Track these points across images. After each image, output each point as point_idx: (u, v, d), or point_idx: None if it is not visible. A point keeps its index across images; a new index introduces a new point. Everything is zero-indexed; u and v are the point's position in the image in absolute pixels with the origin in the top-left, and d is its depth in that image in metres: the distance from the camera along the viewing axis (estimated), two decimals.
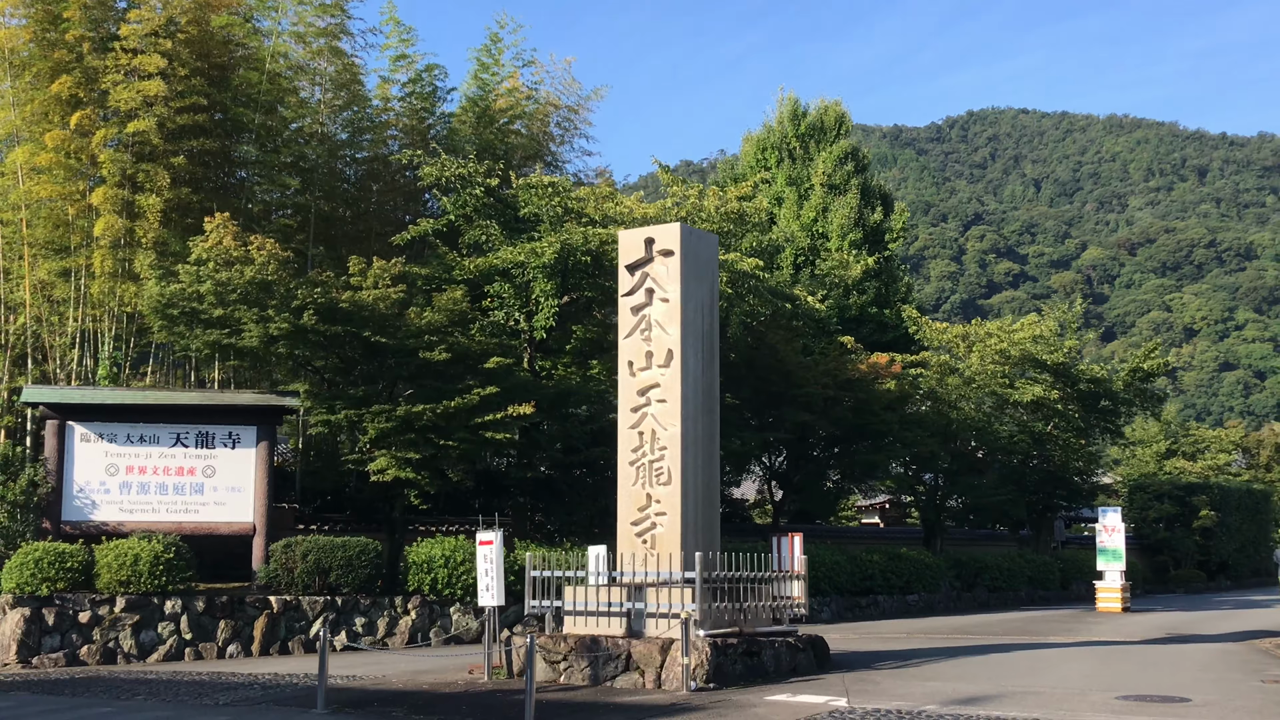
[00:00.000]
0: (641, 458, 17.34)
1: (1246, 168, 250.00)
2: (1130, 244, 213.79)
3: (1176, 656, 19.46)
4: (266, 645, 21.83)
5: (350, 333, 22.36)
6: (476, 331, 23.94)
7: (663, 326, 17.33)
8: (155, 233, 23.93)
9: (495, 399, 23.16)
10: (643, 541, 17.20)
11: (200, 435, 22.72)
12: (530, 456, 25.06)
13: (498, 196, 24.30)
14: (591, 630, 16.91)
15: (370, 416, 22.71)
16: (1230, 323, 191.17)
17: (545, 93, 30.77)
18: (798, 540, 18.12)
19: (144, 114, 23.75)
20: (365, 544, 22.78)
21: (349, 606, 22.67)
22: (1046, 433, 35.99)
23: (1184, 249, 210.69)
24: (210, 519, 22.65)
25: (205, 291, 21.66)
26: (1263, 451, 59.47)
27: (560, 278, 23.26)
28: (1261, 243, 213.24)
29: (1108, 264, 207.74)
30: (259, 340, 22.10)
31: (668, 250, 17.41)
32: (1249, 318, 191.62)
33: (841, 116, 39.59)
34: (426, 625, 23.32)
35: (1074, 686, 15.24)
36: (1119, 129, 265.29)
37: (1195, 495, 45.40)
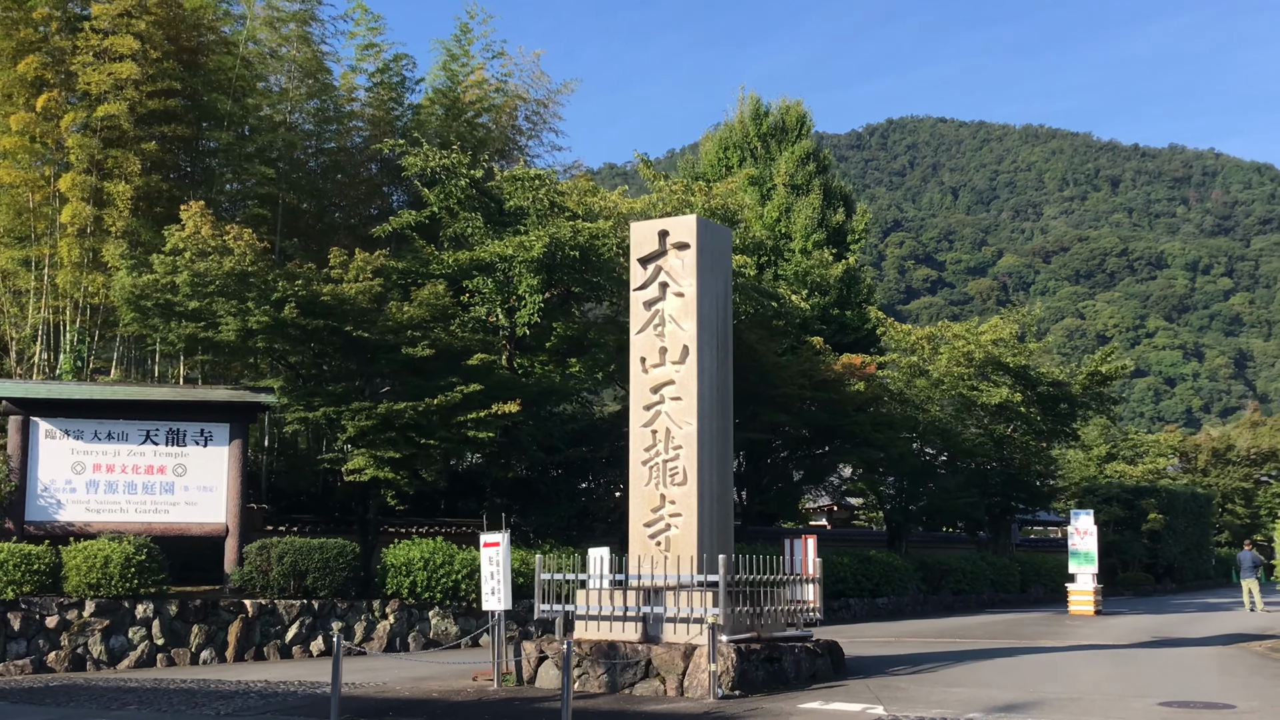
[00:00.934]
0: (655, 457, 16.81)
1: (1158, 178, 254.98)
2: (1045, 252, 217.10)
3: (1184, 661, 19.30)
4: (241, 651, 20.99)
5: (331, 327, 21.59)
6: (457, 327, 23.27)
7: (677, 321, 16.83)
8: (125, 221, 22.95)
9: (477, 397, 22.51)
10: (656, 544, 16.67)
11: (171, 433, 21.83)
12: (510, 456, 24.42)
13: (481, 189, 23.61)
14: (604, 635, 16.36)
15: (350, 414, 21.97)
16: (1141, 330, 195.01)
17: (514, 86, 30.17)
18: (811, 543, 17.72)
19: (114, 98, 22.77)
20: (343, 545, 22.02)
21: (326, 611, 21.90)
22: (1007, 435, 35.99)
23: (1097, 257, 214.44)
24: (181, 519, 21.78)
25: (181, 282, 20.79)
26: (1200, 456, 60.29)
27: (546, 272, 22.65)
28: (1172, 252, 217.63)
29: (1023, 271, 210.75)
30: (236, 334, 21.26)
31: (683, 243, 16.91)
32: (1159, 325, 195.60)
33: (803, 116, 39.37)
34: (405, 630, 22.61)
35: (1107, 692, 14.97)
36: (1034, 139, 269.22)
37: (1144, 499, 45.78)
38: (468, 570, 22.81)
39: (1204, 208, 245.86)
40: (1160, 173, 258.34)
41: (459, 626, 23.11)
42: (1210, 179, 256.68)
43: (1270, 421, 67.26)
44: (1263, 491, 61.60)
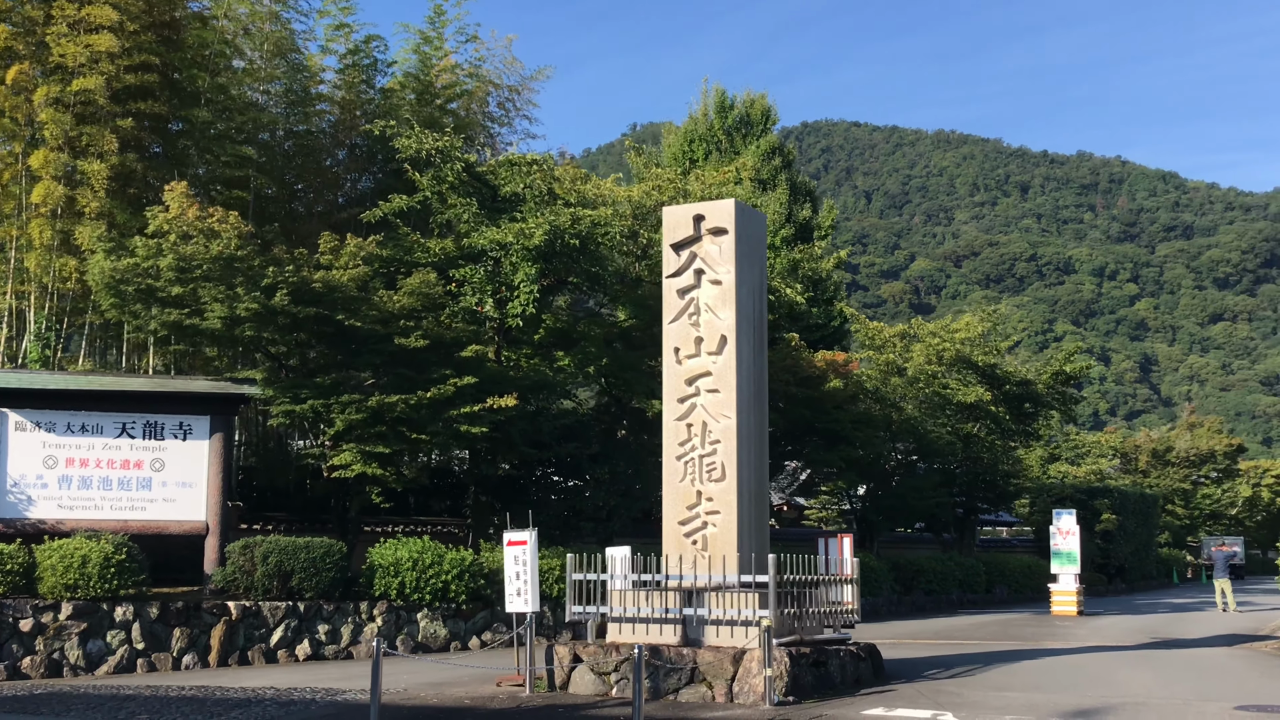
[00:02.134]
0: (690, 452, 16.07)
1: (1066, 185, 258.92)
2: (957, 256, 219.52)
3: (1211, 663, 19.00)
4: (225, 655, 19.90)
5: (322, 316, 20.59)
6: (446, 317, 22.36)
7: (714, 310, 16.12)
8: (100, 203, 21.68)
9: (470, 390, 21.62)
10: (692, 542, 15.94)
11: (148, 425, 20.68)
12: (499, 453, 23.52)
13: (474, 174, 22.67)
14: (639, 639, 15.55)
15: (339, 407, 20.97)
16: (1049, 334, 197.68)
17: (486, 71, 29.24)
18: (848, 542, 17.15)
19: (89, 71, 21.50)
20: (330, 545, 20.98)
21: (312, 613, 20.88)
22: (974, 434, 35.73)
23: (1007, 262, 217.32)
24: (159, 517, 20.64)
25: (165, 266, 19.65)
26: (1141, 457, 60.83)
27: (544, 262, 21.79)
28: (1079, 258, 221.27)
29: (935, 275, 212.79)
30: (222, 322, 20.15)
31: (720, 229, 16.20)
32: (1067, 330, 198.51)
33: (768, 110, 38.82)
34: (393, 633, 21.62)
35: (1166, 695, 14.51)
36: (946, 144, 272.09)
37: (1097, 499, 45.88)
38: (457, 571, 21.93)
39: (1110, 214, 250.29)
40: (1068, 179, 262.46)
41: (448, 629, 22.19)
42: (1116, 186, 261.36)
43: (1207, 423, 68.18)
44: (1198, 493, 62.39)
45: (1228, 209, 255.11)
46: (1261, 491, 67.55)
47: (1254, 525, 70.58)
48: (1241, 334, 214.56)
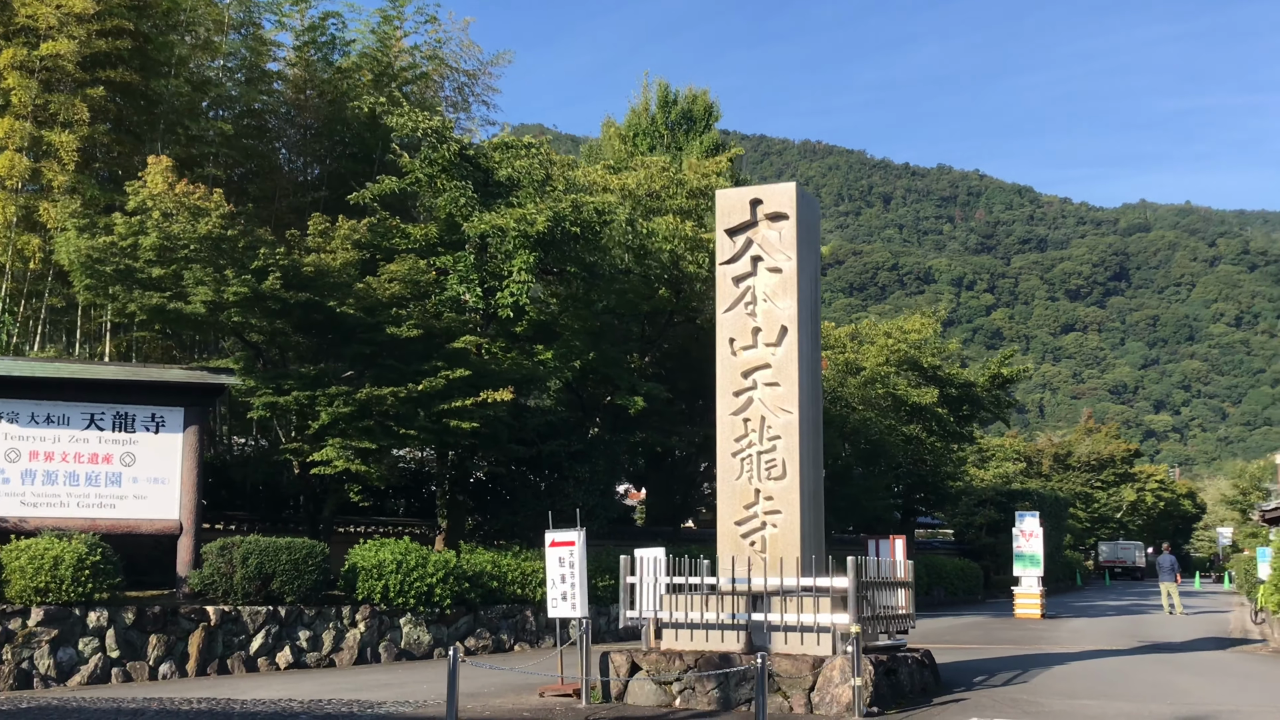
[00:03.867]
0: (748, 448, 15.29)
1: (927, 197, 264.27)
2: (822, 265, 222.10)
3: (1243, 668, 18.92)
4: (204, 664, 18.52)
5: (314, 302, 19.29)
6: (433, 306, 21.23)
7: (773, 300, 15.35)
8: (68, 176, 20.03)
9: (460, 384, 20.54)
10: (750, 544, 15.15)
11: (118, 417, 19.18)
12: (486, 449, 22.41)
13: (467, 157, 21.52)
14: (698, 646, 14.73)
15: (325, 399, 19.70)
16: None
17: (445, 54, 28.03)
18: (900, 543, 16.52)
19: (59, 34, 19.84)
20: (312, 546, 19.69)
21: (293, 618, 19.58)
22: (917, 435, 35.52)
23: (870, 271, 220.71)
24: (129, 515, 19.15)
25: (148, 246, 18.21)
26: (1044, 460, 61.73)
27: (543, 250, 20.76)
28: (939, 268, 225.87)
29: None
30: (206, 306, 18.76)
31: (779, 214, 15.45)
32: None
33: (710, 106, 38.08)
34: (376, 639, 20.44)
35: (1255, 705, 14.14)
36: (812, 154, 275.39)
37: (1018, 502, 46.14)
38: (442, 574, 20.85)
39: (969, 226, 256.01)
40: (929, 191, 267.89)
41: (431, 635, 21.06)
42: (975, 199, 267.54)
43: (1104, 429, 69.60)
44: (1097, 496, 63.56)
45: (1080, 223, 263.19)
46: (1145, 495, 69.17)
47: (1136, 528, 72.31)
48: (1091, 344, 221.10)
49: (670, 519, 35.01)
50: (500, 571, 22.05)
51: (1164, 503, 71.70)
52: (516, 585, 22.22)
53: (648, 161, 24.34)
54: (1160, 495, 71.02)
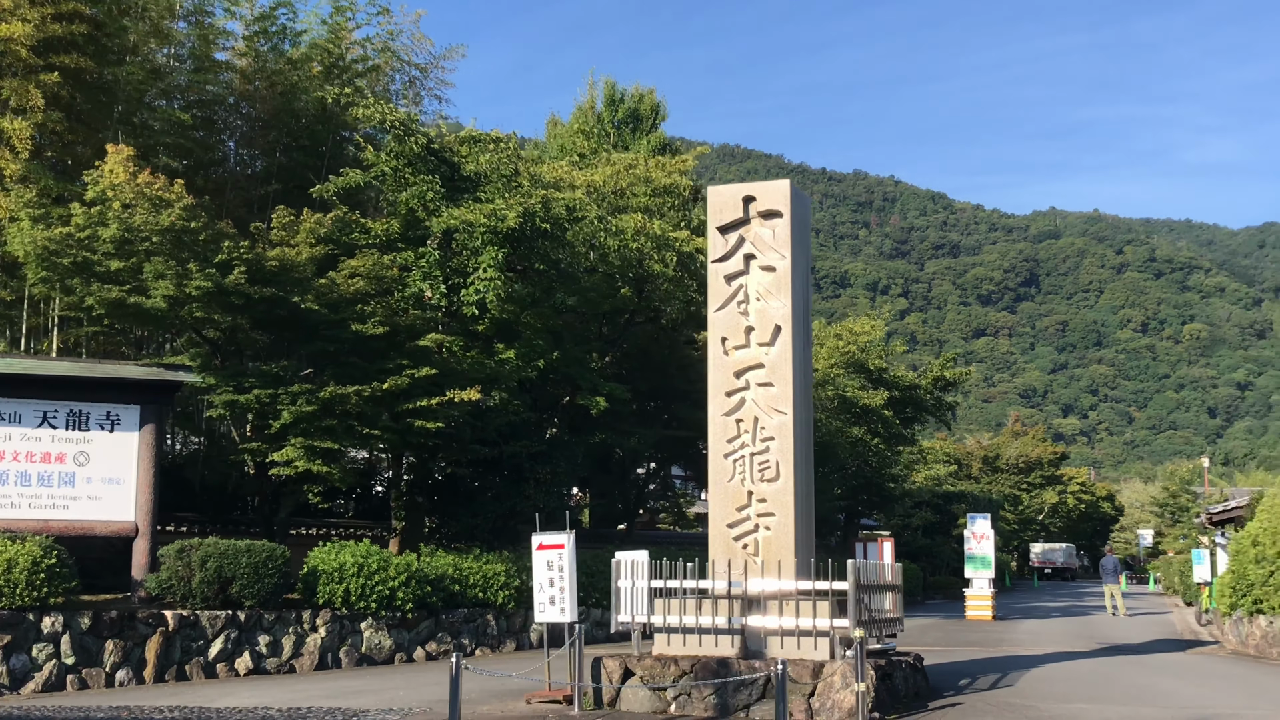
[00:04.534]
0: (740, 449, 15.02)
1: (843, 202, 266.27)
2: None
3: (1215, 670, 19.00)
4: (162, 670, 17.91)
5: (278, 297, 18.71)
6: (396, 303, 20.74)
7: (766, 298, 15.11)
8: (20, 165, 19.22)
9: (425, 382, 20.07)
10: (743, 546, 14.89)
11: (72, 415, 18.48)
12: (449, 450, 21.91)
13: (434, 150, 20.99)
14: (691, 651, 14.43)
15: (288, 398, 19.12)
16: None
17: (397, 47, 27.43)
18: (889, 546, 16.33)
19: (12, 18, 19.03)
20: (272, 549, 19.11)
21: (252, 623, 19.00)
22: (862, 438, 35.51)
23: None
24: (83, 517, 18.46)
25: (108, 237, 17.53)
26: (974, 463, 62.24)
27: (512, 246, 20.33)
28: (855, 272, 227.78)
29: None
30: (168, 301, 18.12)
31: (772, 211, 15.21)
32: None
33: (657, 106, 37.75)
34: (336, 644, 19.91)
35: (1248, 708, 14.13)
36: (730, 158, 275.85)
37: (954, 504, 46.50)
38: (404, 577, 20.38)
39: (884, 231, 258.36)
40: (845, 196, 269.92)
41: (393, 640, 20.56)
42: (890, 204, 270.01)
43: (1031, 432, 70.37)
44: (1024, 498, 64.22)
45: (991, 229, 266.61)
46: (1067, 498, 70.03)
47: (1057, 530, 73.24)
48: (1003, 349, 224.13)
49: (617, 521, 34.73)
50: (462, 575, 21.60)
51: (1085, 505, 72.70)
52: (478, 589, 21.77)
53: (614, 158, 24.03)
54: (1081, 498, 72.00)
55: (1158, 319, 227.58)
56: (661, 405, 27.24)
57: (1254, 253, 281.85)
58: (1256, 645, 21.46)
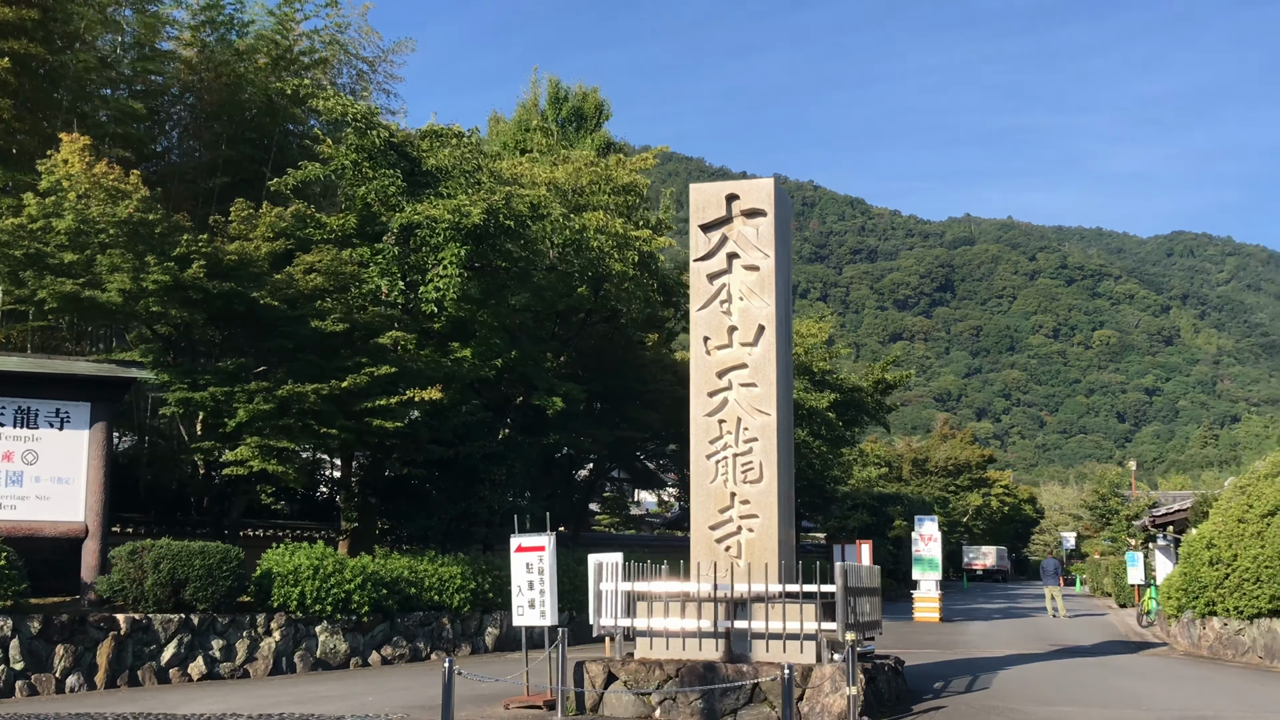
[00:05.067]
0: (723, 450, 14.83)
1: None
2: None
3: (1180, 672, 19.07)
4: (113, 675, 17.38)
5: (236, 292, 18.22)
6: (354, 300, 20.31)
7: (749, 298, 14.94)
8: None
9: (384, 381, 19.68)
10: (726, 549, 14.71)
11: (20, 412, 17.90)
12: (407, 451, 21.48)
13: (395, 145, 20.55)
14: (674, 655, 14.21)
15: (244, 395, 18.62)
16: None
17: (345, 40, 26.96)
18: (866, 549, 16.20)
19: None
20: (226, 551, 18.59)
21: (205, 626, 18.48)
22: (804, 440, 35.38)
23: None
24: (31, 517, 17.88)
25: (63, 229, 16.95)
26: (904, 465, 62.64)
27: (474, 243, 19.96)
28: None
29: None
30: (123, 295, 17.56)
31: (756, 210, 15.05)
32: None
33: (600, 105, 37.46)
34: (291, 648, 19.45)
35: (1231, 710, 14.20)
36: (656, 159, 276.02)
37: (890, 505, 46.68)
38: (360, 580, 19.96)
39: (803, 236, 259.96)
40: None
41: (348, 644, 20.13)
42: (809, 209, 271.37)
43: (959, 435, 70.98)
44: (954, 500, 64.77)
45: (908, 235, 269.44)
46: (991, 500, 70.79)
47: (980, 532, 73.98)
48: (918, 353, 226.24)
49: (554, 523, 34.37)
50: (417, 577, 21.20)
51: (1008, 508, 73.58)
52: (433, 591, 21.39)
53: (575, 156, 23.73)
54: (1005, 500, 72.85)
55: (1069, 325, 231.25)
56: (613, 406, 26.97)
57: (1162, 261, 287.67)
58: (1210, 647, 21.68)
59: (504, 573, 22.89)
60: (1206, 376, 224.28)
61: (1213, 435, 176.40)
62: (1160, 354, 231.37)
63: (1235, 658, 20.52)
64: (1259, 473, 20.73)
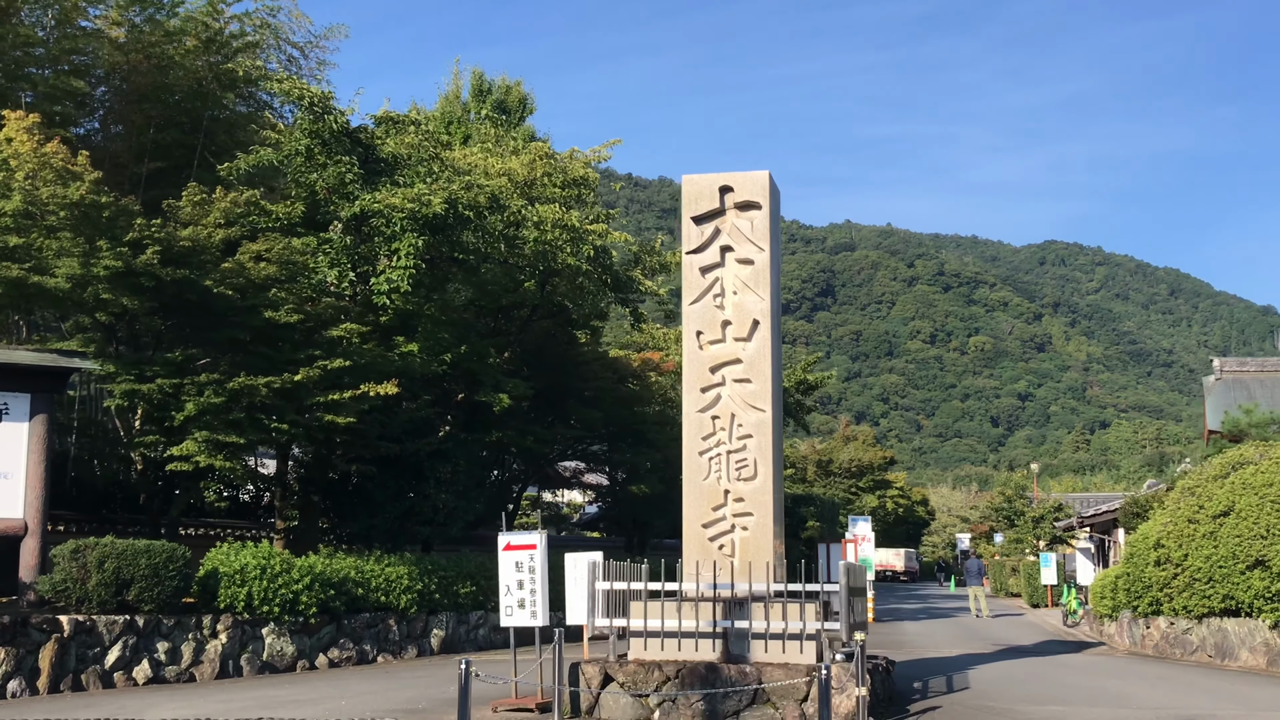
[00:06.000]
0: (716, 447, 14.53)
1: (649, 208, 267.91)
2: None
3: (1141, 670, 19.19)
4: (57, 680, 16.49)
5: (189, 280, 17.46)
6: (304, 290, 19.63)
7: (742, 292, 14.67)
8: None
9: (337, 374, 19.04)
10: (719, 547, 14.42)
11: None
12: (356, 447, 20.79)
13: (349, 131, 19.86)
14: (670, 655, 13.87)
15: (194, 388, 17.86)
16: None
17: (276, 24, 26.06)
18: (851, 549, 15.94)
19: None
20: (172, 550, 17.80)
21: (150, 628, 17.67)
22: None
23: None
24: None
25: (10, 210, 16.05)
26: (809, 466, 62.93)
27: (431, 233, 19.38)
28: None
29: None
30: (70, 281, 16.71)
31: (750, 203, 14.77)
32: None
33: (524, 99, 36.90)
34: (237, 651, 18.71)
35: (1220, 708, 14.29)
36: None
37: (802, 506, 46.80)
38: (308, 580, 19.30)
39: None
40: (651, 202, 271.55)
41: (295, 646, 19.45)
42: None
43: (861, 437, 71.55)
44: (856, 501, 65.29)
45: (790, 240, 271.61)
46: (887, 502, 71.56)
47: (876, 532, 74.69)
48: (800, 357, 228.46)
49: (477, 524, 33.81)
50: (364, 578, 20.58)
51: (902, 509, 74.46)
52: (380, 592, 20.79)
53: (532, 147, 23.23)
54: (899, 502, 73.72)
55: (946, 331, 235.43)
56: (552, 404, 26.52)
57: (1035, 269, 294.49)
58: (1156, 646, 21.92)
59: (449, 573, 22.43)
60: (1077, 382, 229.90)
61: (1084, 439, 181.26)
62: (1033, 360, 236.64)
63: (1183, 657, 20.76)
64: (1208, 474, 21.00)
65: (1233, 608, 19.31)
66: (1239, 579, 18.79)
